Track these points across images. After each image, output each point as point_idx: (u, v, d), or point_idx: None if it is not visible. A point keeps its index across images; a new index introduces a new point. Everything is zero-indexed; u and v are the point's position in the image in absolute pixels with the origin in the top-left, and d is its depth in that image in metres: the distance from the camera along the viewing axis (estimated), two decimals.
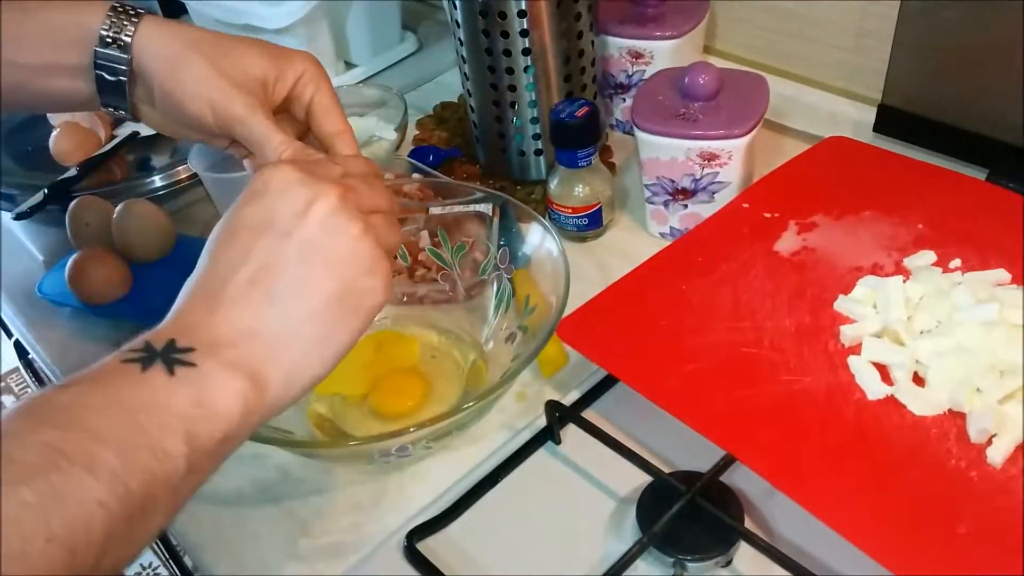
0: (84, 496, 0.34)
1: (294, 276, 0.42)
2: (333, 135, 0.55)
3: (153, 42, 0.51)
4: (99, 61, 0.52)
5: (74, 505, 0.34)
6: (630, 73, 0.86)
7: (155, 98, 0.53)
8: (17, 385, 2.16)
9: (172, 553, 1.46)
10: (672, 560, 0.50)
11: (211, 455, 0.39)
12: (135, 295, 0.75)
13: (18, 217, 0.83)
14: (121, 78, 0.52)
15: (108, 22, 0.51)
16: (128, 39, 0.51)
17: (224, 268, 0.42)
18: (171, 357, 0.39)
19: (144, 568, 1.78)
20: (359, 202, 0.45)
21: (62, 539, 0.33)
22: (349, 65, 1.08)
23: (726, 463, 0.53)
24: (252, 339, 0.41)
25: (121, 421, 0.36)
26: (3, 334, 1.11)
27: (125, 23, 0.51)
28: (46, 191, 0.84)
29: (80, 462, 0.34)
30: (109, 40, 0.51)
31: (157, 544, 1.61)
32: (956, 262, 0.62)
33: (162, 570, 1.76)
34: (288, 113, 0.56)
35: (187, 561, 1.47)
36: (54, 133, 0.93)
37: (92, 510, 0.34)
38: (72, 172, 0.87)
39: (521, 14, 0.74)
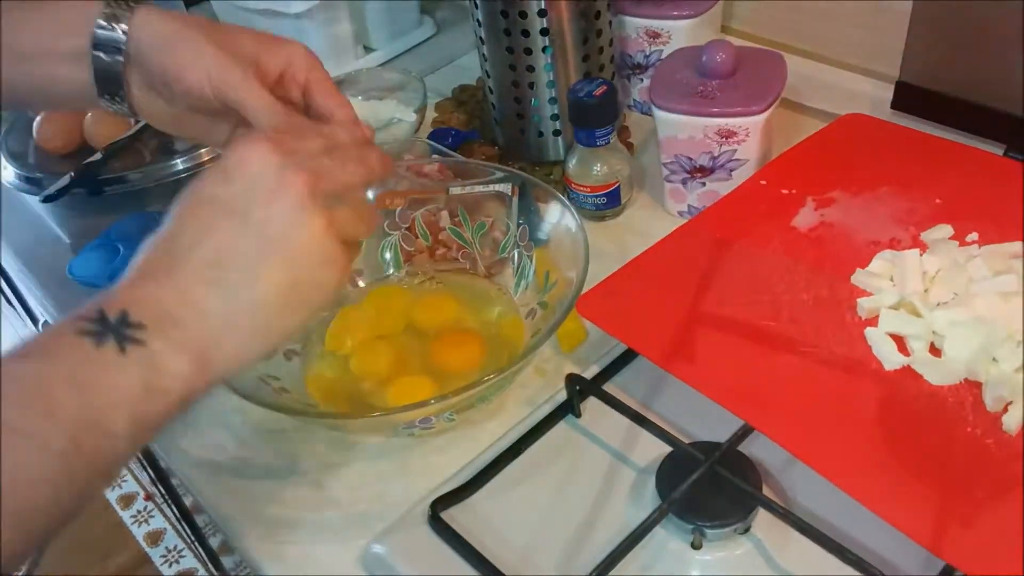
0: (36, 476, 0.36)
1: (249, 264, 0.43)
2: (331, 107, 0.54)
3: (150, 21, 0.53)
4: (98, 43, 0.53)
5: (25, 486, 0.35)
6: (647, 53, 0.86)
7: (152, 75, 0.53)
8: None
9: (198, 536, 1.48)
10: (691, 527, 0.51)
11: (150, 432, 0.41)
12: None
13: (46, 200, 0.85)
14: (118, 58, 0.53)
15: (107, 8, 0.52)
16: (125, 21, 0.52)
17: (184, 240, 0.43)
18: (123, 333, 0.40)
19: (170, 551, 1.81)
20: (329, 186, 0.45)
21: (14, 517, 0.35)
22: (368, 49, 1.09)
23: (744, 433, 0.54)
24: (200, 320, 0.42)
25: (75, 400, 0.38)
26: (29, 320, 1.13)
27: (123, 9, 0.53)
28: (72, 175, 0.86)
29: (36, 441, 0.36)
30: (106, 23, 0.52)
31: (183, 528, 1.64)
32: (973, 235, 0.62)
33: (186, 552, 1.79)
34: (286, 99, 0.56)
35: (212, 543, 1.50)
36: (37, 119, 0.95)
37: (42, 490, 0.36)
38: (98, 156, 0.88)
39: None
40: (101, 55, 0.53)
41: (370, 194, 0.74)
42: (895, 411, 0.52)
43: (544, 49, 0.78)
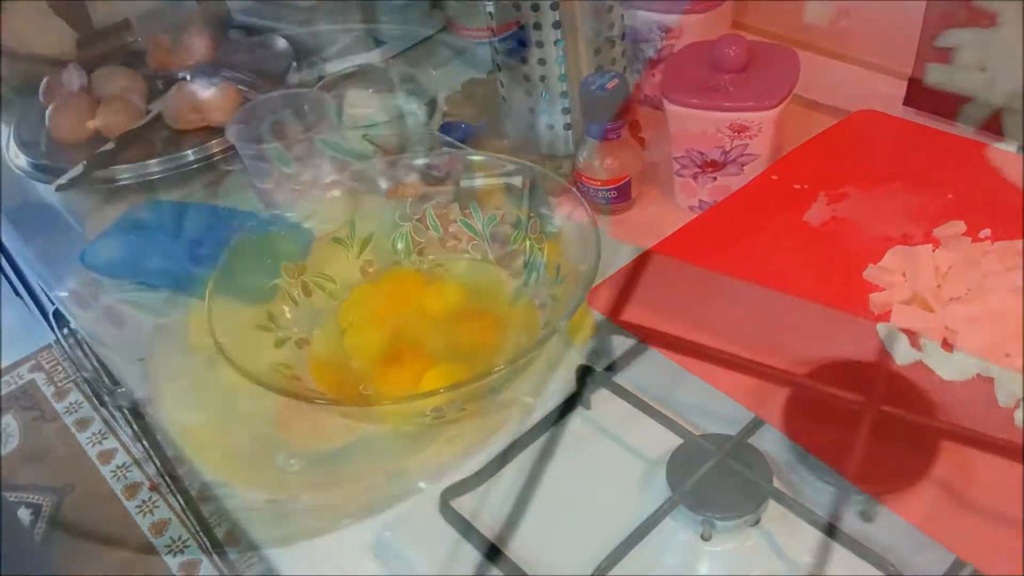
0: None
1: None
2: None
3: None
4: None
5: None
6: (659, 47, 0.86)
7: None
8: (48, 363, 2.20)
9: (204, 526, 1.49)
10: (701, 518, 0.51)
11: None
12: (174, 266, 0.77)
13: (59, 188, 0.85)
14: None
15: None
16: None
17: None
18: None
19: (174, 541, 1.81)
20: None
21: None
22: (378, 42, 1.09)
23: (755, 426, 0.54)
24: None
25: None
26: (37, 309, 1.14)
27: None
28: (85, 164, 0.86)
29: None
30: None
31: (188, 518, 1.64)
32: (986, 232, 0.62)
33: (191, 542, 1.80)
34: None
35: (217, 533, 1.51)
36: (49, 109, 0.95)
37: None
38: (110, 145, 0.89)
39: None
40: None
41: (383, 185, 0.75)
42: (906, 406, 0.52)
43: (556, 42, 0.78)
